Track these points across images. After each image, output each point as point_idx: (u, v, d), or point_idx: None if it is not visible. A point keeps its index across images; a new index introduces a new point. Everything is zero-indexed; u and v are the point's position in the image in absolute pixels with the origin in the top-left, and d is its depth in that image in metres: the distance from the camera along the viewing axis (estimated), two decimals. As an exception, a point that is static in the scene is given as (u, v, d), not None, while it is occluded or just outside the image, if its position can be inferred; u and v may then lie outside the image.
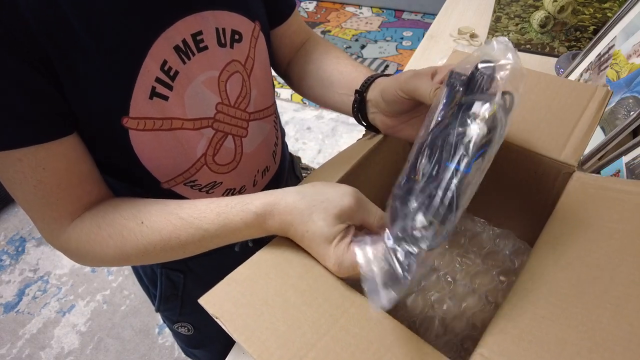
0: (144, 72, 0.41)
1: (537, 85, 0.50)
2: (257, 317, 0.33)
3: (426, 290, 0.53)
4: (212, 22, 0.45)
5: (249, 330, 0.33)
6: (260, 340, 0.32)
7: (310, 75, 0.60)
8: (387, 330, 0.32)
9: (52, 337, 1.52)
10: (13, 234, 1.86)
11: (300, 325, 0.33)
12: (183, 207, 0.43)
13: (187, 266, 0.64)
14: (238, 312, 0.34)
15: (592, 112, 0.46)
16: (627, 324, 0.29)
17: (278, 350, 0.31)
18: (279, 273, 0.37)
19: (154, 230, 0.42)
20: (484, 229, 0.59)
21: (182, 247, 0.43)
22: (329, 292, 0.35)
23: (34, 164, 0.39)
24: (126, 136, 0.43)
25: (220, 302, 0.35)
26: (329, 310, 0.34)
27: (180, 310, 0.69)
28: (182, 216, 0.42)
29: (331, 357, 0.31)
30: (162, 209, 0.43)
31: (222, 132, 0.51)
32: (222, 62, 0.47)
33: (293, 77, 0.64)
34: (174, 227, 0.42)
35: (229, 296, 0.35)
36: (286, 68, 0.65)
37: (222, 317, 0.34)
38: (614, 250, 0.34)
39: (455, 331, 0.48)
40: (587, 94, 0.48)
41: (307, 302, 0.34)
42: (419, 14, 2.88)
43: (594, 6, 0.92)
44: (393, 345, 0.31)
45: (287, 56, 0.64)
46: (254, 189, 0.60)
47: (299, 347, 0.31)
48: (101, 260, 0.45)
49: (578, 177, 0.42)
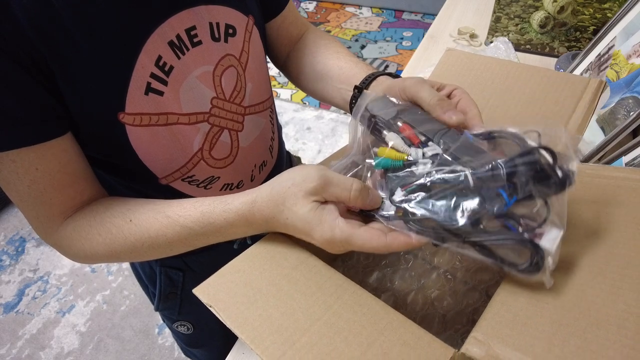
0: (139, 68, 0.41)
1: (532, 78, 0.51)
2: (251, 305, 0.34)
3: (426, 287, 0.53)
4: (206, 16, 0.45)
5: (242, 317, 0.33)
6: (253, 326, 0.32)
7: (309, 68, 0.60)
8: (380, 314, 0.33)
9: (51, 338, 1.52)
10: (13, 234, 1.86)
11: (293, 312, 0.33)
12: (171, 206, 0.43)
13: (186, 264, 0.64)
14: (232, 301, 0.34)
15: (586, 103, 0.47)
16: (623, 302, 0.29)
17: (271, 335, 0.32)
18: (273, 265, 0.38)
19: (141, 228, 0.43)
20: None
21: (169, 245, 0.43)
22: (322, 281, 0.36)
23: (27, 164, 0.40)
24: (123, 132, 0.43)
25: (214, 292, 0.35)
26: (322, 298, 0.34)
27: (179, 309, 0.69)
28: (168, 214, 0.43)
29: (324, 342, 0.31)
30: (151, 208, 0.44)
31: (217, 126, 0.51)
32: (216, 57, 0.48)
33: (291, 70, 0.64)
34: (161, 225, 0.42)
35: (223, 286, 0.36)
36: (285, 60, 0.65)
37: (215, 305, 0.34)
38: (610, 234, 0.35)
39: (456, 327, 0.49)
40: (581, 86, 0.48)
41: (300, 290, 0.35)
42: (418, 14, 2.88)
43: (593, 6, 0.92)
44: (386, 329, 0.32)
45: (285, 48, 0.64)
46: (252, 184, 0.60)
47: (291, 332, 0.32)
48: (92, 257, 0.46)
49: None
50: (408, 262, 0.56)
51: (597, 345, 0.28)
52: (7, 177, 0.41)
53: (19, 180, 0.41)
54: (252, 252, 0.39)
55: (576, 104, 0.47)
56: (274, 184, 0.39)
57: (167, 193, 0.52)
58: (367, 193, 0.36)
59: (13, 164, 0.39)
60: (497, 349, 0.29)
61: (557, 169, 0.30)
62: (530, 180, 0.29)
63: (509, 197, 0.29)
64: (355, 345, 0.31)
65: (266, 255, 0.39)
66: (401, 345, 0.30)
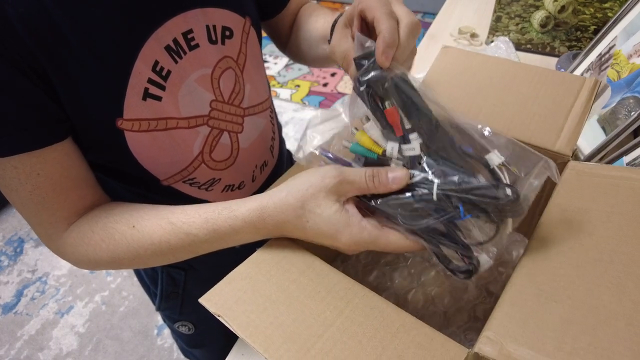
0: (136, 74, 0.41)
1: (528, 77, 0.51)
2: (261, 312, 0.33)
3: (426, 285, 0.53)
4: (202, 19, 0.45)
5: (253, 326, 0.33)
6: (265, 335, 0.32)
7: (301, 41, 0.60)
8: (393, 317, 0.33)
9: (50, 339, 1.51)
10: (11, 235, 1.86)
11: (305, 318, 0.33)
12: (174, 212, 0.43)
13: (188, 263, 0.63)
14: (241, 309, 0.34)
15: (582, 102, 0.47)
16: (630, 300, 0.30)
17: (285, 344, 0.31)
18: (279, 270, 0.37)
19: (144, 234, 0.43)
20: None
21: (173, 252, 0.43)
22: (331, 285, 0.35)
23: (29, 170, 0.40)
24: (122, 138, 0.43)
25: (222, 301, 0.35)
26: (332, 303, 0.34)
27: (180, 308, 0.69)
28: (172, 221, 0.42)
29: (339, 347, 0.31)
30: (154, 214, 0.44)
31: (217, 129, 0.51)
32: (214, 59, 0.47)
33: (292, 50, 0.65)
34: (164, 232, 0.42)
35: (230, 294, 0.35)
36: (290, 45, 0.65)
37: (224, 315, 0.33)
38: (612, 232, 0.35)
39: (458, 324, 0.49)
40: (577, 85, 0.48)
41: (310, 295, 0.34)
42: (419, 14, 2.88)
43: (594, 6, 0.92)
44: (399, 331, 0.32)
45: (288, 30, 0.64)
46: (253, 185, 0.60)
47: (305, 339, 0.31)
48: (96, 263, 0.45)
49: (573, 166, 0.43)
50: (407, 260, 0.56)
51: (607, 342, 0.28)
52: (9, 184, 0.40)
53: (21, 186, 0.40)
54: (257, 257, 0.39)
55: (573, 103, 0.47)
56: (288, 188, 0.39)
57: (169, 194, 0.52)
58: (385, 175, 0.36)
59: (15, 170, 0.39)
60: (509, 348, 0.29)
61: (512, 210, 0.34)
62: (487, 210, 0.34)
63: (464, 212, 0.34)
64: (370, 349, 0.31)
65: (271, 260, 0.38)
66: (415, 347, 0.31)
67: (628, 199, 0.37)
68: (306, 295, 0.34)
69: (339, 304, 0.34)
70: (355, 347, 0.31)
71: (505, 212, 0.34)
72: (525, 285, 0.33)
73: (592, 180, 0.40)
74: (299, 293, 0.35)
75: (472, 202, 0.33)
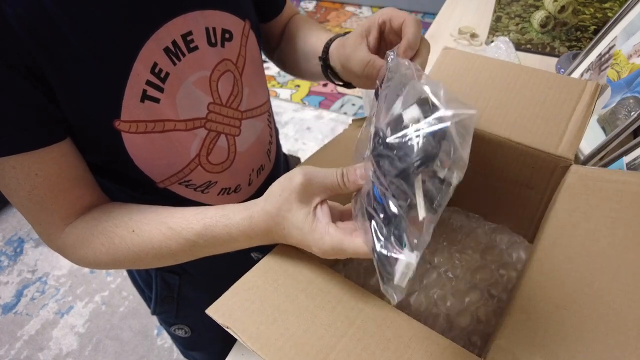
0: (134, 75, 0.41)
1: (530, 80, 0.51)
2: (271, 324, 0.33)
3: (428, 288, 0.53)
4: (202, 21, 0.45)
5: (263, 337, 0.32)
6: (277, 346, 0.31)
7: (295, 51, 0.60)
8: (404, 327, 0.32)
9: (50, 339, 1.51)
10: (11, 235, 1.86)
11: (316, 329, 0.32)
12: (173, 216, 0.43)
13: (182, 268, 0.64)
14: (250, 320, 0.33)
15: (584, 105, 0.47)
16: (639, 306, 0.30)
17: (297, 355, 0.31)
18: (287, 279, 0.37)
19: (144, 239, 0.43)
20: (479, 225, 0.59)
21: (173, 256, 0.43)
22: (341, 294, 0.35)
23: (27, 170, 0.40)
24: (119, 139, 0.43)
25: (230, 312, 0.34)
26: (343, 312, 0.33)
27: (176, 312, 0.68)
28: (171, 226, 0.42)
29: (352, 359, 0.30)
30: (153, 217, 0.44)
31: (214, 131, 0.51)
32: (213, 62, 0.47)
33: (280, 58, 0.65)
34: (164, 237, 0.42)
35: (238, 305, 0.34)
36: (278, 53, 0.65)
37: (233, 326, 0.33)
38: (618, 238, 0.35)
39: (461, 326, 0.49)
40: (579, 89, 0.49)
41: (320, 305, 0.34)
42: (419, 14, 2.88)
43: (594, 6, 0.92)
44: (412, 342, 0.31)
45: (278, 39, 0.65)
46: (249, 189, 0.60)
47: (318, 351, 0.31)
48: (96, 264, 0.46)
49: (576, 170, 0.43)
50: (408, 262, 0.56)
51: (619, 350, 0.28)
52: (8, 184, 0.41)
53: (20, 187, 0.40)
54: (264, 265, 0.38)
55: (574, 106, 0.47)
56: (267, 196, 0.39)
57: (164, 196, 0.52)
58: (354, 172, 0.36)
59: (13, 170, 0.39)
60: (521, 357, 0.29)
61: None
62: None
63: (380, 195, 0.31)
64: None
65: (279, 269, 0.38)
66: (428, 357, 0.30)
67: (632, 204, 0.37)
68: (316, 305, 0.34)
69: (350, 314, 0.33)
70: (369, 358, 0.30)
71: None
72: (534, 293, 0.33)
73: (596, 184, 0.40)
74: (308, 303, 0.34)
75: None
